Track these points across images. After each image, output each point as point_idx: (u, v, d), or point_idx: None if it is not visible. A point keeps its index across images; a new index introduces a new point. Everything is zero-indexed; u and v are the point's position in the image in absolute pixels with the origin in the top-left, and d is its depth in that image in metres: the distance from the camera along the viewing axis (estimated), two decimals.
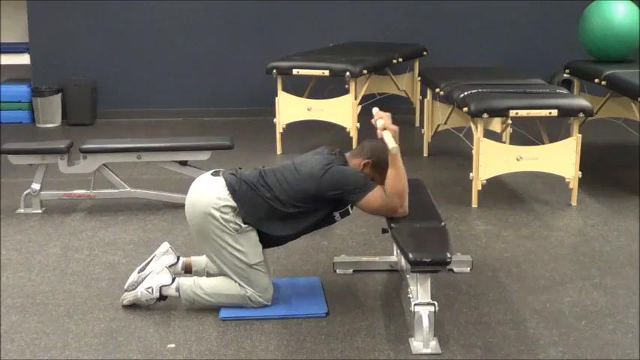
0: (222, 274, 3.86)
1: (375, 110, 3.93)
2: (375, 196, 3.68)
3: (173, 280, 3.81)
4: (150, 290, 3.78)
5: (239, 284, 3.74)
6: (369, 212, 3.81)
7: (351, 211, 3.84)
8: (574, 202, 5.40)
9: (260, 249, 3.76)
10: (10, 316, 3.78)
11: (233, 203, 3.69)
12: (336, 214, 3.81)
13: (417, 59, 7.69)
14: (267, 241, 3.82)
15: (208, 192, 3.73)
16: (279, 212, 3.72)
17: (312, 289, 4.04)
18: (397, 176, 3.70)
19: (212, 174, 3.85)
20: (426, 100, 6.66)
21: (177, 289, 3.78)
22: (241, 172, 3.83)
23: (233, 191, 3.71)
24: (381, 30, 8.18)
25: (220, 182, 3.76)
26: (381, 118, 3.83)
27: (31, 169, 5.35)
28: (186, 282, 3.81)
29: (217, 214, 3.68)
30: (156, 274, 3.83)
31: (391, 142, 3.69)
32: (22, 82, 8.24)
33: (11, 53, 8.15)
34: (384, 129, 3.77)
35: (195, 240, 4.02)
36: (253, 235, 3.74)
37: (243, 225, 3.70)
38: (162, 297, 3.79)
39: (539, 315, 3.77)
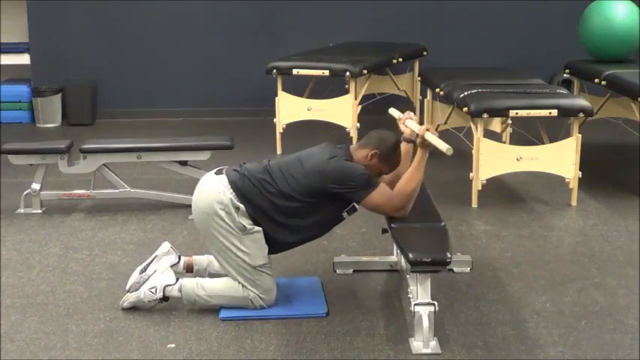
0: (224, 274, 3.86)
1: (398, 113, 3.89)
2: (379, 195, 3.66)
3: (177, 280, 3.81)
4: (153, 290, 3.77)
5: (242, 286, 3.74)
6: (370, 210, 3.78)
7: (357, 207, 3.79)
8: (574, 202, 5.40)
9: (266, 251, 3.74)
10: (10, 316, 3.78)
11: (237, 203, 3.68)
12: (344, 213, 3.78)
13: (417, 59, 7.69)
14: (275, 244, 3.78)
15: (212, 191, 3.72)
16: (283, 208, 3.69)
17: (312, 289, 4.04)
18: (414, 179, 3.68)
19: (216, 172, 3.84)
20: (426, 100, 6.66)
21: (180, 290, 3.78)
22: (245, 167, 3.80)
23: (236, 189, 3.70)
24: (381, 30, 8.18)
25: (223, 181, 3.74)
26: (411, 119, 3.81)
27: (31, 169, 5.35)
28: (189, 283, 3.80)
29: (222, 213, 3.66)
30: (160, 274, 3.83)
31: (443, 144, 3.62)
32: (22, 82, 8.24)
33: (11, 53, 8.15)
34: (427, 130, 3.72)
35: (203, 240, 4.00)
36: (259, 237, 3.71)
37: (248, 226, 3.69)
38: (164, 298, 3.79)
39: (539, 315, 3.77)
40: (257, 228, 3.70)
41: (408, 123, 3.90)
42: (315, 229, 3.82)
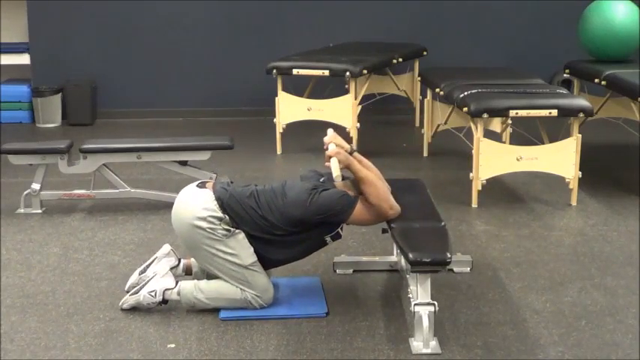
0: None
1: (330, 132, 3.87)
2: (361, 209, 3.69)
3: (176, 283, 3.82)
4: (153, 294, 3.78)
5: (239, 288, 3.74)
6: (364, 224, 3.82)
7: (342, 233, 3.83)
8: (574, 202, 5.40)
9: (252, 250, 3.74)
10: (10, 316, 3.78)
11: (220, 214, 3.69)
12: (327, 238, 3.80)
13: (417, 59, 7.69)
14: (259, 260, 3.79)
15: (194, 203, 3.73)
16: (266, 231, 3.72)
17: (312, 289, 4.04)
18: (371, 187, 3.69)
19: (197, 185, 3.85)
20: (426, 100, 6.66)
21: (179, 293, 3.78)
22: (232, 187, 3.82)
23: (222, 204, 3.71)
24: (381, 30, 8.17)
25: (208, 194, 3.75)
26: (333, 143, 3.77)
27: (31, 169, 5.35)
28: (187, 286, 3.80)
29: (204, 224, 3.67)
30: (160, 277, 3.83)
31: (335, 171, 3.66)
32: (22, 82, 8.24)
33: (11, 53, 8.14)
34: (330, 156, 3.71)
35: (187, 252, 4.02)
36: (242, 237, 3.72)
37: (231, 229, 3.69)
38: (164, 301, 3.79)
39: (539, 315, 3.78)
40: (238, 230, 3.71)
41: (330, 147, 3.82)
42: (298, 251, 3.83)
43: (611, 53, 6.57)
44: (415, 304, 3.43)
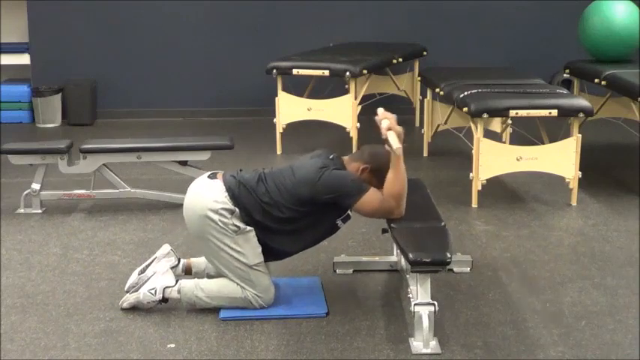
0: (222, 275, 3.86)
1: (381, 110, 3.88)
2: (370, 198, 3.67)
3: (176, 282, 3.82)
4: (153, 292, 3.78)
5: (240, 286, 3.74)
6: (365, 215, 3.81)
7: (351, 214, 3.82)
8: (574, 202, 5.40)
9: (259, 250, 3.74)
10: (10, 316, 3.78)
11: (231, 206, 3.68)
12: (339, 222, 3.79)
13: (417, 59, 7.69)
14: (270, 251, 3.79)
15: (206, 195, 3.72)
16: (277, 218, 3.71)
17: (312, 289, 4.04)
18: (397, 179, 3.67)
19: (209, 176, 3.84)
20: (426, 100, 6.66)
21: (179, 292, 3.78)
22: (241, 175, 3.81)
23: (232, 195, 3.71)
24: (381, 30, 8.18)
25: (219, 185, 3.74)
26: (387, 119, 3.78)
27: (31, 169, 5.35)
28: (188, 284, 3.80)
29: (215, 216, 3.67)
30: (160, 275, 3.83)
31: (395, 143, 3.63)
32: (22, 82, 8.24)
33: (11, 53, 8.15)
34: (389, 129, 3.72)
35: (194, 242, 4.01)
36: (252, 236, 3.72)
37: (242, 226, 3.69)
38: (164, 299, 3.79)
39: (539, 315, 3.78)
40: (249, 228, 3.71)
41: (383, 123, 3.83)
42: (310, 237, 3.83)
43: (611, 53, 6.57)
44: (415, 304, 3.43)
